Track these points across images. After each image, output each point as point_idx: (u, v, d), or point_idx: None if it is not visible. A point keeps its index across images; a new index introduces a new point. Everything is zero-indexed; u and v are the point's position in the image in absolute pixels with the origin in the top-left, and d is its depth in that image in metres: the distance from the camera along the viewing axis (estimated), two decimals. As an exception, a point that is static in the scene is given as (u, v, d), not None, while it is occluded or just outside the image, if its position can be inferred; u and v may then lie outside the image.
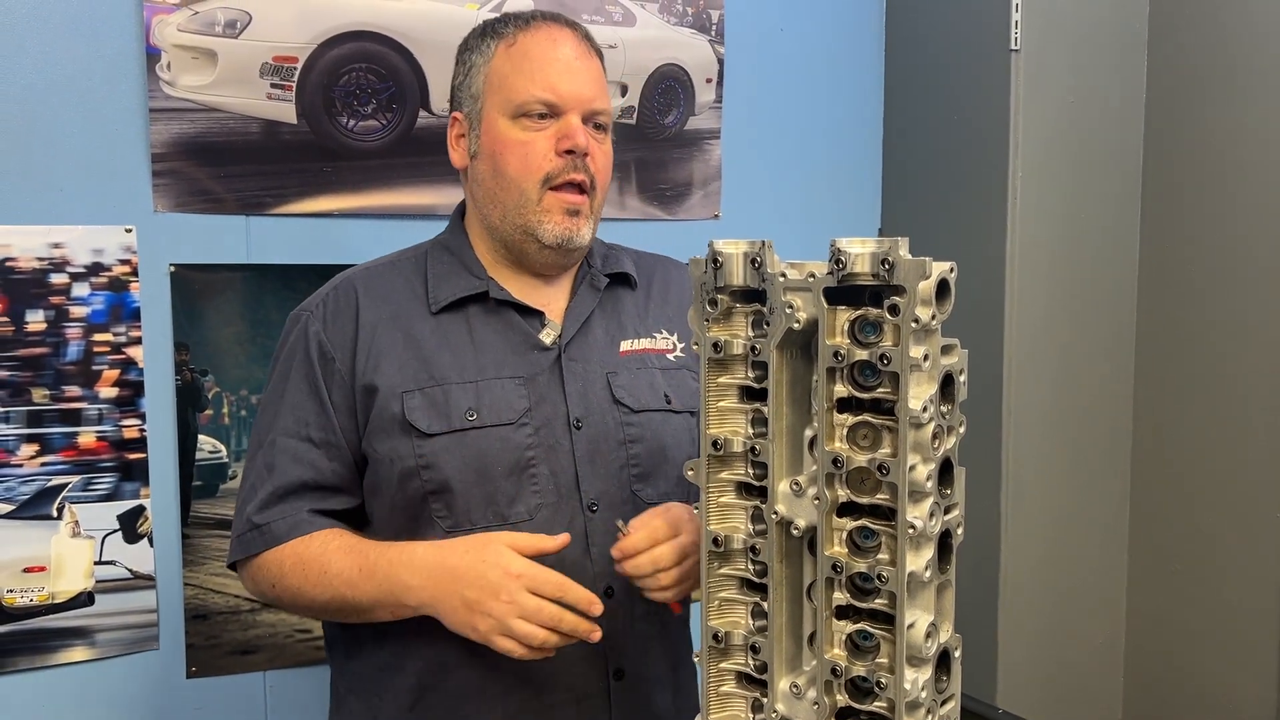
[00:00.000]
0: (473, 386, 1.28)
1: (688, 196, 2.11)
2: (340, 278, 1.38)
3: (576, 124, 1.29)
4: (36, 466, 1.63)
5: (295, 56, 1.73)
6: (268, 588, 1.31)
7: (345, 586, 1.23)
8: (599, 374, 1.34)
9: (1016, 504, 2.09)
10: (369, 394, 1.28)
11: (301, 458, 1.29)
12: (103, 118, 1.64)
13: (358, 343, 1.30)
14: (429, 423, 1.26)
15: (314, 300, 1.35)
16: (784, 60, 2.19)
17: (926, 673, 0.93)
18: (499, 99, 1.30)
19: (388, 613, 1.24)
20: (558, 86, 1.29)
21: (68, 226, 1.62)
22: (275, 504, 1.29)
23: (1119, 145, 2.13)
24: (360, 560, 1.23)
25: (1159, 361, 2.14)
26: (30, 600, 1.63)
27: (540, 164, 1.29)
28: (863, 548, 0.94)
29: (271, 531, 1.28)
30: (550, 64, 1.30)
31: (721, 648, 1.03)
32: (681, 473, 1.35)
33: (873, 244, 0.90)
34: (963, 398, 0.95)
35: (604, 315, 1.38)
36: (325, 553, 1.26)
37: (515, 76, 1.30)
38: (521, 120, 1.29)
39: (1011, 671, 2.11)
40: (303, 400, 1.30)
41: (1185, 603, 2.11)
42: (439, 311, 1.32)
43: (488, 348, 1.31)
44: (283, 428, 1.30)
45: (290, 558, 1.27)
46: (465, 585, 1.17)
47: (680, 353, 1.41)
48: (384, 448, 1.27)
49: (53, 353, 1.63)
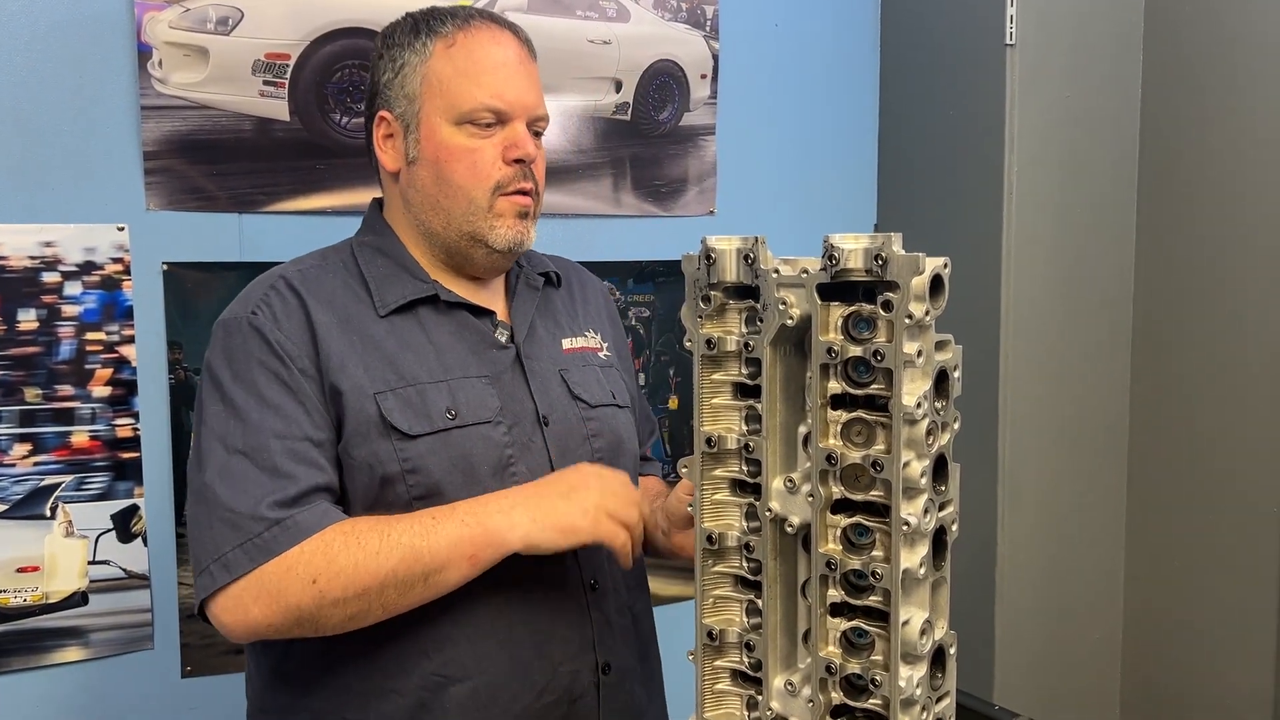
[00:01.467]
0: (445, 385, 1.24)
1: (683, 193, 2.11)
2: (273, 277, 1.26)
3: (524, 132, 1.26)
4: (29, 466, 1.62)
5: (287, 53, 1.72)
6: (308, 582, 1.12)
7: (418, 538, 1.13)
8: (553, 371, 1.33)
9: (1013, 501, 2.09)
10: (335, 397, 1.20)
11: (304, 457, 1.17)
12: (94, 115, 1.63)
13: (316, 343, 1.21)
14: (410, 424, 1.20)
15: (250, 303, 1.23)
16: (779, 56, 2.19)
17: (921, 670, 0.93)
18: (441, 103, 1.25)
19: (466, 555, 1.14)
20: (506, 94, 1.25)
21: (59, 225, 1.62)
22: (296, 503, 1.15)
23: (1115, 140, 2.12)
24: (426, 515, 1.15)
25: (1155, 357, 2.14)
26: (24, 600, 1.63)
27: (489, 172, 1.25)
28: (857, 545, 0.94)
29: (299, 524, 1.13)
30: (496, 69, 1.25)
31: (716, 645, 1.03)
32: (632, 465, 1.37)
33: (866, 240, 0.89)
34: (957, 394, 0.95)
35: (542, 314, 1.37)
36: (382, 521, 1.15)
37: (459, 80, 1.24)
38: (467, 127, 1.25)
39: (1009, 668, 2.11)
40: (283, 401, 1.18)
41: (1182, 599, 2.11)
42: (388, 314, 1.26)
43: (447, 348, 1.27)
44: (274, 430, 1.17)
45: (337, 540, 1.13)
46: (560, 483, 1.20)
47: (606, 352, 1.42)
48: (361, 452, 1.19)
49: (45, 352, 1.62)
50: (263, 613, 1.13)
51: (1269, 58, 1.91)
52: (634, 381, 1.51)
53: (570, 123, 1.98)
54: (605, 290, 1.52)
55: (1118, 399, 2.18)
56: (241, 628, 1.14)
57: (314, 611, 1.13)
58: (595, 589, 1.28)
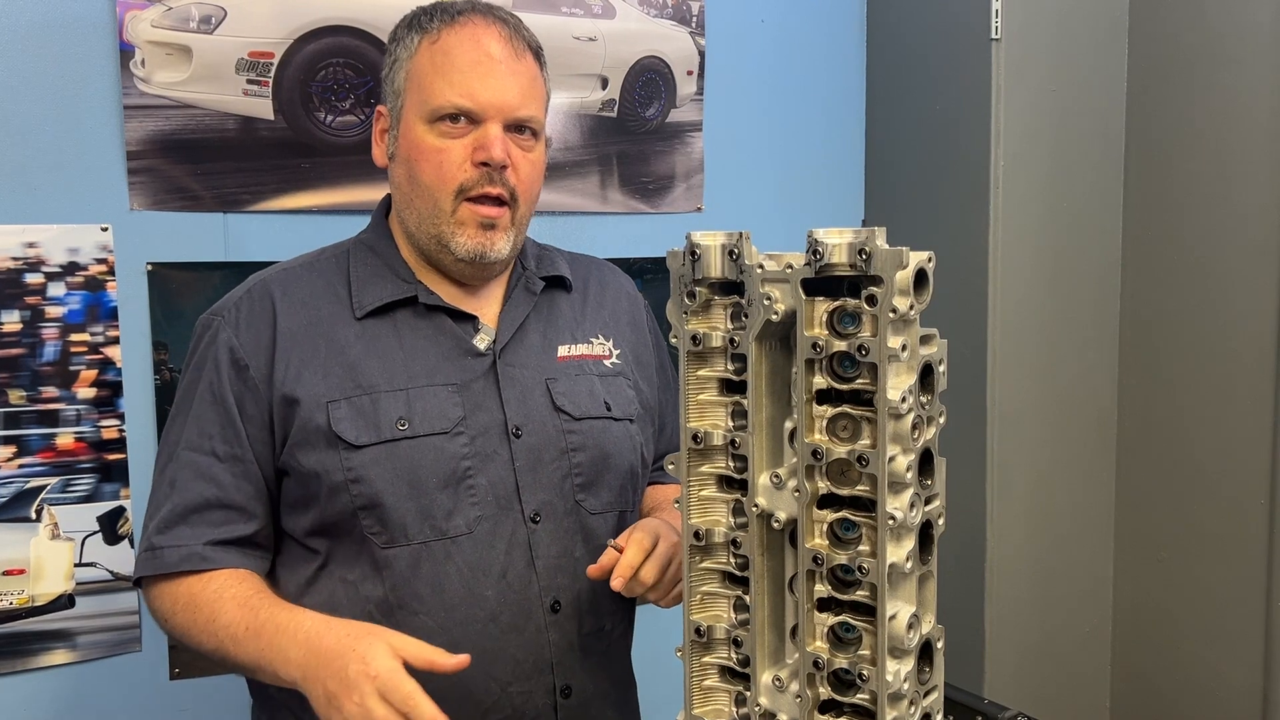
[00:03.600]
0: (403, 394, 1.21)
1: (670, 190, 2.11)
2: (255, 280, 1.28)
3: (495, 134, 1.21)
4: (14, 468, 1.61)
5: (271, 52, 1.72)
6: (161, 619, 1.23)
7: (230, 642, 1.15)
8: (537, 380, 1.28)
9: (1002, 494, 2.09)
10: (289, 405, 1.20)
11: (204, 473, 1.21)
12: (77, 115, 1.62)
13: (275, 350, 1.21)
14: (357, 433, 1.19)
15: (226, 304, 1.26)
16: (765, 52, 2.19)
17: (909, 664, 0.93)
18: (416, 100, 1.23)
19: (267, 678, 1.15)
20: (477, 93, 1.21)
21: (42, 225, 1.61)
22: (175, 525, 1.21)
23: (1100, 134, 2.13)
24: (250, 618, 1.14)
25: (1143, 350, 2.14)
26: (10, 603, 1.62)
27: (454, 174, 1.21)
28: (844, 540, 0.94)
29: (163, 558, 1.20)
30: (472, 66, 1.21)
31: (704, 641, 1.02)
32: (624, 481, 1.32)
33: (850, 234, 0.89)
34: (942, 388, 0.95)
35: (539, 320, 1.32)
36: (219, 600, 1.17)
37: (433, 77, 1.21)
38: (438, 125, 1.21)
39: (998, 662, 2.11)
40: (207, 411, 1.22)
41: (1171, 591, 2.11)
42: (364, 317, 1.24)
43: (418, 354, 1.24)
44: (187, 440, 1.22)
45: (184, 596, 1.19)
46: (329, 675, 1.06)
47: (616, 359, 1.37)
48: (309, 461, 1.19)
49: (29, 353, 1.61)
50: (151, 614, 1.25)
51: (1253, 51, 1.91)
52: (656, 389, 1.43)
53: (557, 120, 1.98)
54: (632, 293, 1.46)
55: (1106, 392, 2.18)
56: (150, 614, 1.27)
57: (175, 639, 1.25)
58: (557, 611, 1.25)
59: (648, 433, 1.39)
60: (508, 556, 1.23)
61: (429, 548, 1.20)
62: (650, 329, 1.46)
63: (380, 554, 1.20)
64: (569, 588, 1.26)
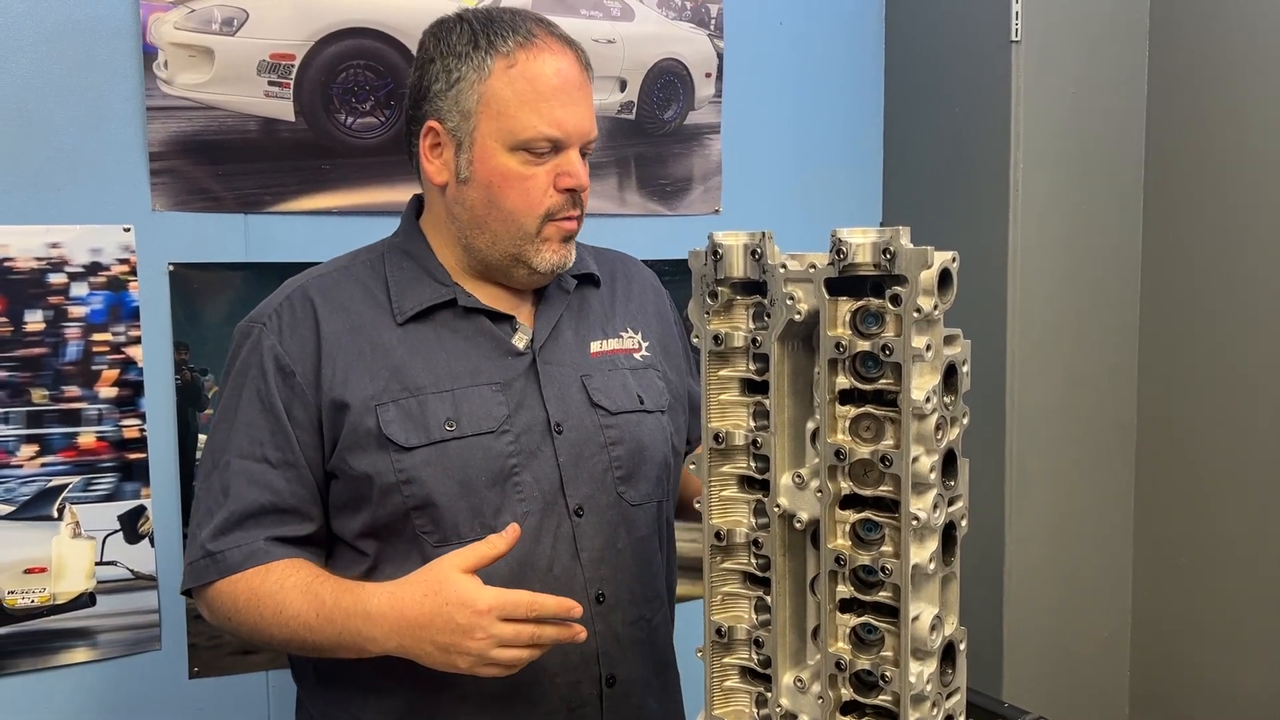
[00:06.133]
0: (449, 395, 1.24)
1: (688, 192, 2.11)
2: (292, 286, 1.29)
3: (578, 161, 1.24)
4: (37, 467, 1.62)
5: (292, 54, 1.72)
6: (224, 619, 1.24)
7: (304, 629, 1.17)
8: (573, 377, 1.30)
9: (1021, 497, 2.08)
10: (339, 409, 1.22)
11: (258, 479, 1.22)
12: (100, 116, 1.63)
13: (321, 355, 1.23)
14: (407, 435, 1.21)
15: (265, 311, 1.27)
16: (783, 54, 2.18)
17: (931, 666, 0.92)
18: (497, 127, 1.22)
19: (352, 655, 1.18)
20: (565, 123, 1.22)
21: (66, 226, 1.62)
22: (231, 530, 1.22)
23: (1121, 136, 2.12)
24: (316, 604, 1.17)
25: (1163, 353, 2.13)
26: (31, 601, 1.63)
27: (541, 200, 1.23)
28: (866, 540, 0.94)
29: (226, 560, 1.22)
30: (555, 95, 1.22)
31: (724, 642, 1.02)
32: (659, 472, 1.34)
33: (874, 234, 0.89)
34: (966, 388, 0.94)
35: (572, 317, 1.34)
36: (282, 590, 1.19)
37: (519, 108, 1.21)
38: (522, 154, 1.22)
39: (1017, 665, 2.10)
40: (256, 418, 1.23)
41: (1191, 595, 2.10)
42: (405, 322, 1.26)
43: (460, 355, 1.26)
44: (237, 448, 1.23)
45: (245, 592, 1.20)
46: (434, 632, 1.11)
47: (645, 352, 1.38)
48: (361, 464, 1.22)
49: (52, 353, 1.62)
50: (211, 618, 1.27)
51: (1275, 52, 1.90)
52: (684, 377, 1.46)
53: (575, 122, 1.98)
54: (655, 283, 1.48)
55: (1125, 395, 2.17)
56: (209, 621, 1.29)
57: (242, 638, 1.28)
58: (602, 602, 1.27)
59: (678, 422, 1.41)
60: (554, 551, 1.25)
61: (438, 560, 1.19)
62: (675, 319, 1.48)
63: (432, 552, 1.21)
64: (612, 579, 1.28)
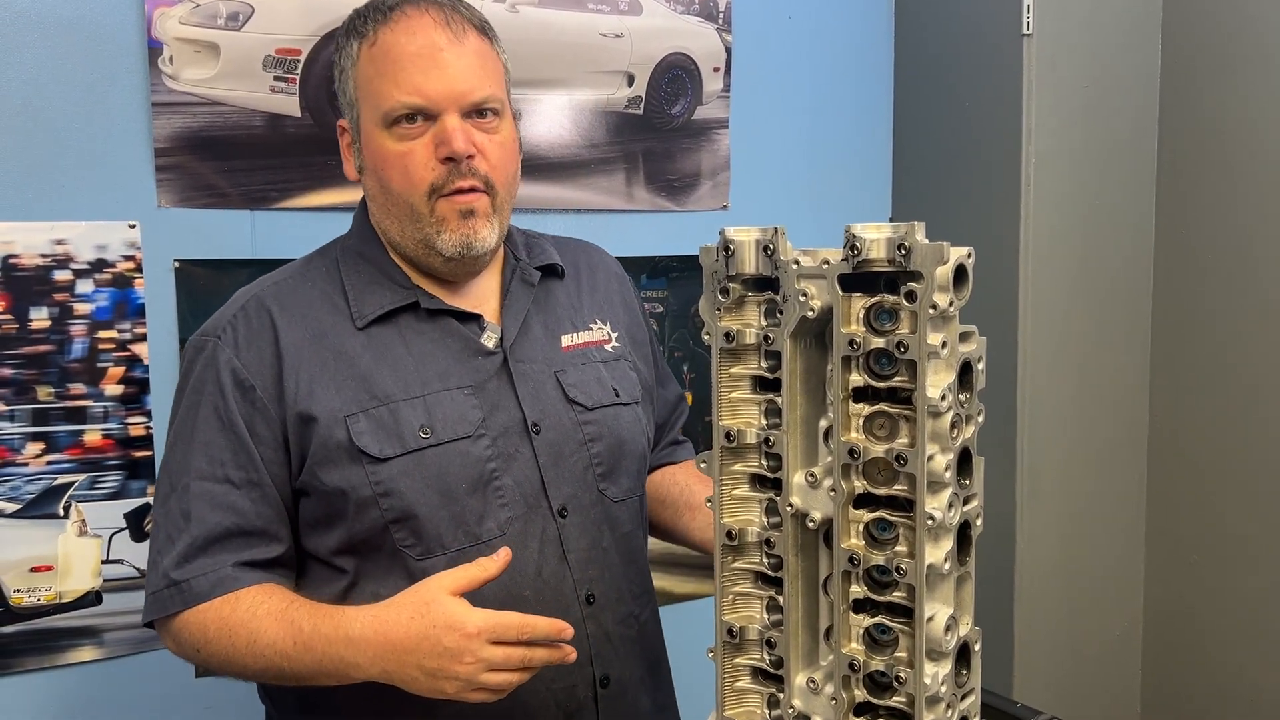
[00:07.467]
0: (420, 401, 1.18)
1: (696, 187, 2.09)
2: (246, 295, 1.23)
3: (454, 125, 1.16)
4: (42, 465, 1.61)
5: (298, 49, 1.71)
6: (192, 651, 1.17)
7: (280, 659, 1.11)
8: (547, 374, 1.26)
9: (1032, 495, 2.07)
10: (305, 423, 1.16)
11: (220, 502, 1.16)
12: (105, 112, 1.62)
13: (283, 367, 1.17)
14: (380, 446, 1.16)
15: (219, 323, 1.21)
16: (792, 48, 2.17)
17: (946, 666, 0.91)
18: (369, 107, 1.18)
19: (333, 683, 1.12)
20: (423, 87, 1.15)
21: (71, 223, 1.61)
22: (195, 557, 1.16)
23: (1133, 130, 2.10)
24: (293, 631, 1.11)
25: (1175, 350, 2.12)
26: (37, 600, 1.62)
27: (422, 175, 1.17)
28: (880, 540, 0.92)
29: (192, 589, 1.15)
30: (413, 61, 1.15)
31: (736, 643, 1.01)
32: (639, 466, 1.31)
33: (889, 229, 0.88)
34: (981, 386, 0.93)
35: (539, 311, 1.29)
36: (254, 618, 1.12)
37: (379, 81, 1.17)
38: (395, 129, 1.17)
39: (1028, 664, 2.09)
40: (215, 437, 1.17)
41: (1203, 594, 2.09)
42: (366, 326, 1.21)
43: (427, 359, 1.21)
44: (196, 470, 1.17)
45: (214, 622, 1.14)
46: (421, 656, 1.05)
47: (616, 343, 1.34)
48: (333, 478, 1.16)
49: (57, 350, 1.62)
50: (177, 651, 1.20)
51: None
52: (652, 366, 1.43)
53: (582, 117, 1.97)
54: (619, 271, 1.44)
55: (1137, 392, 2.16)
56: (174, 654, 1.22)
57: (214, 671, 1.18)
58: (592, 602, 1.25)
59: (649, 413, 1.38)
60: (541, 554, 1.22)
61: (464, 554, 1.17)
62: (639, 306, 1.44)
63: (415, 565, 1.17)
64: (601, 578, 1.26)
